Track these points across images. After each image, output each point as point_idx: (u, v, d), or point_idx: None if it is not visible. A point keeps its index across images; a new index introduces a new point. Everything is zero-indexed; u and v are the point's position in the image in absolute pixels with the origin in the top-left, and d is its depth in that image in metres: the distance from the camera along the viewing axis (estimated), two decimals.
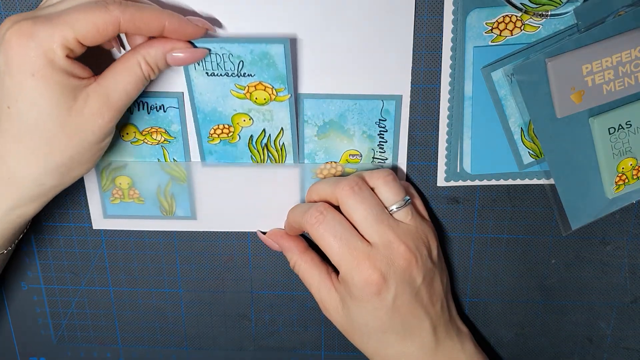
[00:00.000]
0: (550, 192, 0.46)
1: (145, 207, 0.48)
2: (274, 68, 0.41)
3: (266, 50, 0.40)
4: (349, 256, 0.41)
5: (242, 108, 0.43)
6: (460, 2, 0.40)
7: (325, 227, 0.41)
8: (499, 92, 0.43)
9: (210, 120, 0.44)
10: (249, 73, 0.41)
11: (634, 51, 0.40)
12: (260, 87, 0.42)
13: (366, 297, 0.41)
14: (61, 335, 0.53)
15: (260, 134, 0.44)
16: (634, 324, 0.50)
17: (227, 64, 0.41)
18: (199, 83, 0.42)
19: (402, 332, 0.42)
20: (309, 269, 0.45)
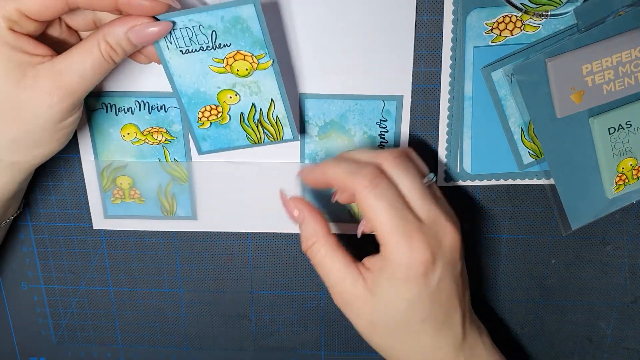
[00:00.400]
0: (550, 192, 0.46)
1: (146, 207, 0.48)
2: (249, 33, 0.38)
3: (237, 13, 0.37)
4: (401, 229, 0.37)
5: (226, 83, 0.40)
6: (460, 2, 0.40)
7: (379, 193, 0.37)
8: (499, 92, 0.43)
9: (196, 102, 0.41)
10: (224, 43, 0.39)
11: (634, 51, 0.40)
12: (239, 57, 0.39)
13: (412, 278, 0.37)
14: (61, 335, 0.53)
15: (251, 109, 0.41)
16: (634, 324, 0.50)
17: (199, 37, 0.38)
18: (175, 64, 0.39)
19: (439, 321, 0.39)
20: (333, 253, 0.39)
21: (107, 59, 0.37)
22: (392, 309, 0.38)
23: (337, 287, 0.39)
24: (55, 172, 0.47)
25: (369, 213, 0.37)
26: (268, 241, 0.49)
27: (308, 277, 0.50)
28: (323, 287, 0.50)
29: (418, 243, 0.37)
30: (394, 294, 0.38)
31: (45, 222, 0.49)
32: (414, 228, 0.37)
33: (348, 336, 0.52)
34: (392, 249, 0.37)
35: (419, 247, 0.37)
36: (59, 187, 0.48)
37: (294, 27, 0.42)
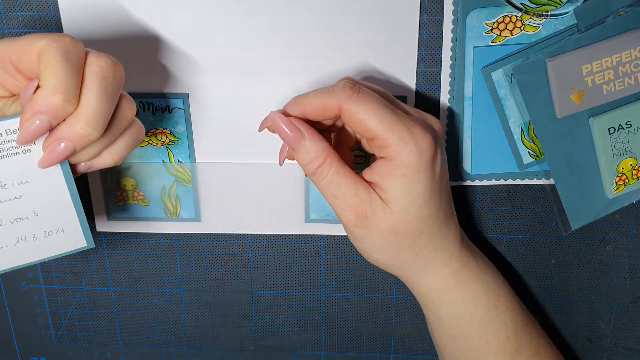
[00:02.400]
0: (550, 192, 0.46)
1: (150, 209, 0.48)
2: None
3: None
4: (399, 124, 0.36)
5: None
6: (460, 2, 0.41)
7: (365, 96, 0.36)
8: (499, 92, 0.43)
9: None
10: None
11: (634, 51, 0.40)
12: None
13: (423, 168, 0.36)
14: (61, 335, 0.53)
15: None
16: (634, 324, 0.50)
17: None
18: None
19: (447, 208, 0.39)
20: (343, 172, 0.37)
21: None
22: (410, 207, 0.37)
23: (351, 203, 0.37)
24: None
25: (361, 119, 0.36)
26: (268, 241, 0.49)
27: (308, 277, 0.50)
28: (323, 287, 0.50)
29: (420, 132, 0.36)
30: (410, 193, 0.37)
31: None
32: (410, 120, 0.36)
33: (348, 336, 0.52)
34: (397, 145, 0.36)
35: (423, 136, 0.36)
36: None
37: (296, 27, 0.42)
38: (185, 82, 0.43)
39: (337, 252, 0.49)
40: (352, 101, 0.36)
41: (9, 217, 0.36)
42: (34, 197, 0.36)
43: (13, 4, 0.43)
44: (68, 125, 0.32)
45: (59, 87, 0.31)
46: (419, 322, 0.51)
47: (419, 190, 0.37)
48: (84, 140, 0.32)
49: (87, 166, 0.36)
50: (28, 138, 0.32)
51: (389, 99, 0.39)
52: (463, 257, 0.41)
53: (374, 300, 0.51)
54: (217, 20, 0.41)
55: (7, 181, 0.35)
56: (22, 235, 0.37)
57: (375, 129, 0.36)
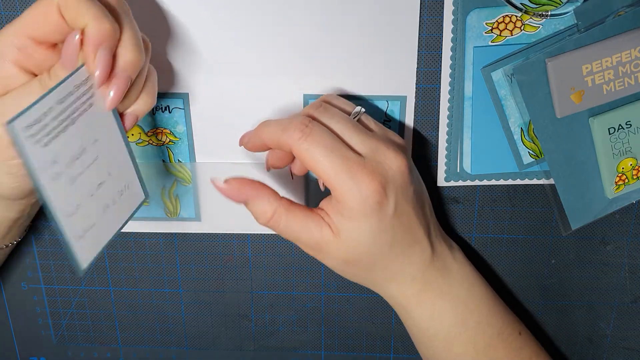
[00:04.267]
0: (550, 192, 0.46)
1: (150, 209, 0.48)
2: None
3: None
4: (344, 168, 0.37)
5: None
6: (460, 2, 0.41)
7: (313, 140, 0.37)
8: (499, 92, 0.43)
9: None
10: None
11: (634, 51, 0.40)
12: None
13: (369, 212, 0.37)
14: (61, 335, 0.53)
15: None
16: (634, 324, 0.50)
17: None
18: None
19: (406, 242, 0.40)
20: (293, 216, 0.39)
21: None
22: (359, 244, 0.39)
23: (306, 242, 0.39)
24: None
25: (309, 163, 0.37)
26: (268, 241, 0.49)
27: (308, 277, 0.50)
28: (323, 287, 0.50)
29: (362, 177, 0.37)
30: (356, 231, 0.38)
31: (45, 222, 0.49)
32: (355, 164, 0.37)
33: (348, 336, 0.52)
34: (341, 190, 0.37)
35: (365, 181, 0.37)
36: None
37: (298, 27, 0.42)
38: (185, 82, 0.43)
39: None
40: (301, 144, 0.37)
41: (95, 183, 0.35)
42: (105, 157, 0.36)
43: (13, 4, 0.43)
44: (119, 57, 0.34)
45: (101, 15, 0.33)
46: None
47: (367, 231, 0.38)
48: (135, 65, 0.35)
49: (134, 116, 0.38)
50: (104, 73, 0.33)
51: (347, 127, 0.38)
52: (428, 278, 0.42)
53: (374, 300, 0.51)
54: (218, 20, 0.41)
55: (86, 143, 0.34)
56: (107, 202, 0.36)
57: (319, 174, 0.37)
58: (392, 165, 0.38)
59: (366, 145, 0.38)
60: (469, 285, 0.43)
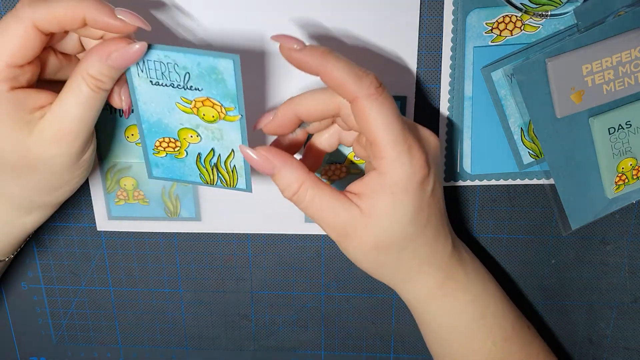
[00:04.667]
0: (550, 192, 0.46)
1: (150, 209, 0.48)
2: (223, 85, 0.36)
3: (214, 64, 0.35)
4: (402, 141, 0.35)
5: (190, 123, 0.39)
6: (460, 2, 0.41)
7: (384, 101, 0.34)
8: (499, 92, 0.43)
9: (156, 131, 0.40)
10: (196, 87, 0.37)
11: (634, 51, 0.40)
12: (208, 104, 0.37)
13: (412, 188, 0.36)
14: (61, 335, 0.53)
15: (209, 153, 0.40)
16: (634, 324, 0.50)
17: (172, 74, 0.37)
18: (143, 91, 0.38)
19: (435, 226, 0.39)
20: (320, 192, 0.37)
21: (96, 91, 0.36)
22: (394, 225, 0.37)
23: (332, 224, 0.37)
24: None
25: (370, 123, 0.35)
26: (268, 241, 0.49)
27: (308, 277, 0.50)
28: (323, 287, 0.50)
29: (417, 151, 0.36)
30: (394, 210, 0.36)
31: (45, 222, 0.49)
32: (413, 139, 0.36)
33: (348, 336, 0.52)
34: (393, 162, 0.35)
35: (419, 158, 0.36)
36: None
37: (298, 27, 0.42)
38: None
39: (337, 252, 0.49)
40: (372, 101, 0.34)
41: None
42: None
43: (13, 4, 0.43)
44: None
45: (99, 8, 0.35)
46: None
47: (406, 210, 0.37)
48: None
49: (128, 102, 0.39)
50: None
51: None
52: (450, 269, 0.41)
53: (374, 300, 0.51)
54: (218, 20, 0.41)
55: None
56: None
57: (379, 137, 0.35)
58: (431, 143, 0.38)
59: (408, 122, 0.37)
60: (482, 278, 0.43)
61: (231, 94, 0.36)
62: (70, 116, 0.36)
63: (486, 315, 0.43)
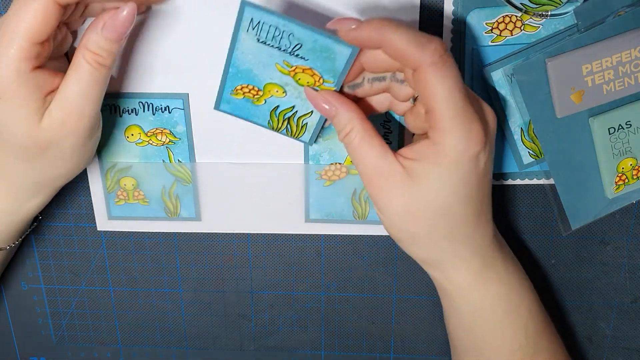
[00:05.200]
0: (550, 192, 0.46)
1: (150, 208, 0.48)
2: (331, 63, 0.38)
3: (332, 46, 0.37)
4: (462, 112, 0.34)
5: (280, 80, 0.40)
6: (460, 2, 0.41)
7: (448, 72, 0.34)
8: (499, 92, 0.43)
9: (242, 77, 0.40)
10: (302, 56, 0.38)
11: (634, 51, 0.40)
12: (308, 72, 0.39)
13: (463, 162, 0.35)
14: (61, 335, 0.53)
15: (289, 108, 0.41)
16: (634, 324, 0.50)
17: (283, 40, 0.37)
18: (245, 44, 0.38)
19: (477, 207, 0.37)
20: (369, 138, 0.37)
21: (97, 67, 0.37)
22: (435, 193, 0.36)
23: (371, 173, 0.37)
24: None
25: (430, 92, 0.34)
26: (268, 241, 0.49)
27: (308, 277, 0.50)
28: (323, 287, 0.50)
29: (477, 127, 0.35)
30: (439, 178, 0.36)
31: (45, 222, 0.49)
32: (473, 112, 0.35)
33: (348, 336, 0.52)
34: (449, 132, 0.34)
35: (478, 132, 0.35)
36: None
37: None
38: (185, 82, 0.43)
39: (337, 252, 0.49)
40: (432, 71, 0.33)
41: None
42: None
43: None
44: None
45: None
46: (419, 322, 0.51)
47: (450, 179, 0.36)
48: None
49: None
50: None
51: None
52: (488, 257, 0.40)
53: (374, 300, 0.51)
54: (218, 20, 0.41)
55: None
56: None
57: (438, 108, 0.34)
58: (490, 117, 0.37)
59: (469, 93, 0.36)
60: (519, 272, 0.42)
61: (336, 70, 0.38)
62: (75, 93, 0.37)
63: (521, 309, 0.41)
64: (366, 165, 0.37)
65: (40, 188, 0.41)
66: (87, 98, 0.37)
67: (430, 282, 0.50)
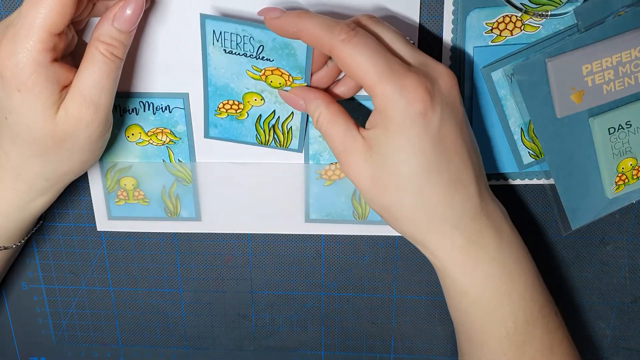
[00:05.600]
0: (550, 192, 0.46)
1: (150, 208, 0.48)
2: (294, 58, 0.40)
3: (290, 42, 0.39)
4: (387, 71, 0.34)
5: (255, 88, 0.42)
6: (460, 2, 0.41)
7: (358, 42, 0.34)
8: (499, 92, 0.43)
9: (221, 94, 0.42)
10: (267, 58, 0.40)
11: (634, 51, 0.40)
12: (277, 73, 0.41)
13: (408, 122, 0.35)
14: (61, 335, 0.53)
15: (270, 115, 0.43)
16: (634, 324, 0.50)
17: (246, 46, 0.40)
18: (215, 58, 0.41)
19: (446, 174, 0.36)
20: (334, 118, 0.38)
21: (110, 57, 0.37)
22: (392, 160, 0.36)
23: (339, 149, 0.38)
24: None
25: (350, 66, 0.35)
26: (268, 241, 0.49)
27: (308, 277, 0.50)
28: (323, 287, 0.50)
29: (410, 81, 0.34)
30: (391, 144, 0.36)
31: (45, 221, 0.49)
32: (402, 69, 0.35)
33: (348, 336, 0.52)
34: (383, 95, 0.35)
35: (412, 85, 0.34)
36: None
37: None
38: (185, 82, 0.43)
39: (337, 252, 0.49)
40: (343, 47, 0.35)
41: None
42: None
43: (13, 4, 0.43)
44: None
45: None
46: (419, 322, 0.51)
47: (400, 144, 0.35)
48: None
49: None
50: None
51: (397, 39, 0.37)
52: (473, 234, 0.38)
53: (374, 300, 0.51)
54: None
55: None
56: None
57: (364, 77, 0.35)
58: (442, 78, 0.36)
59: (415, 58, 0.36)
60: (517, 254, 0.40)
61: (300, 66, 0.40)
62: (89, 86, 0.37)
63: (512, 293, 0.39)
64: (335, 145, 0.38)
65: (50, 185, 0.41)
66: (101, 90, 0.38)
67: (430, 282, 0.50)
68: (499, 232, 0.39)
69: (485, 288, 0.39)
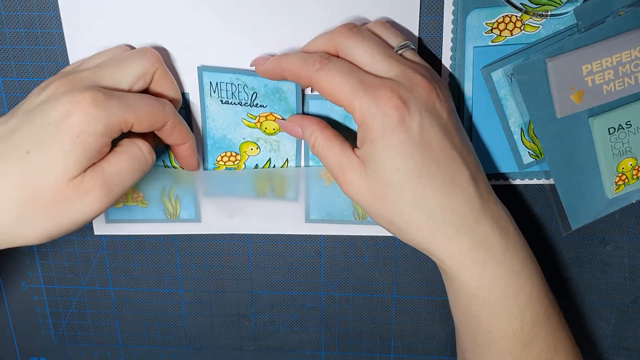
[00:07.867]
0: (550, 192, 0.46)
1: (149, 211, 0.47)
2: (285, 102, 0.43)
3: (279, 85, 0.42)
4: (361, 87, 0.36)
5: (251, 137, 0.44)
6: (460, 2, 0.41)
7: (331, 67, 0.37)
8: (499, 92, 0.43)
9: (219, 147, 0.45)
10: (261, 104, 0.43)
11: (634, 51, 0.40)
12: (270, 118, 0.43)
13: (390, 129, 0.36)
14: (61, 335, 0.53)
15: (266, 163, 0.45)
16: (634, 324, 0.50)
17: (241, 94, 0.43)
18: (213, 110, 0.43)
19: (439, 178, 0.37)
20: (329, 142, 0.40)
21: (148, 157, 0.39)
22: (383, 171, 0.37)
23: (336, 169, 0.39)
24: None
25: (327, 90, 0.38)
26: (268, 241, 0.49)
27: (308, 277, 0.50)
28: (323, 287, 0.50)
29: (383, 92, 0.36)
30: (379, 155, 0.37)
31: None
32: (376, 82, 0.36)
33: (348, 336, 0.52)
34: (360, 110, 0.37)
35: (386, 96, 0.36)
36: None
37: (298, 28, 0.42)
38: (185, 82, 0.43)
39: (337, 252, 0.49)
40: (320, 72, 0.37)
41: None
42: None
43: (13, 4, 0.43)
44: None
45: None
46: (419, 322, 0.51)
47: (387, 153, 0.37)
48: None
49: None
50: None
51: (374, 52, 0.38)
52: (479, 236, 0.38)
53: (374, 300, 0.51)
54: (218, 20, 0.41)
55: None
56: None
57: (340, 97, 0.37)
58: (418, 88, 0.37)
59: (393, 70, 0.37)
60: (523, 255, 0.40)
61: (291, 108, 0.43)
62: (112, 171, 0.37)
63: (519, 294, 0.39)
64: (332, 166, 0.39)
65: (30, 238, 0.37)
66: (120, 179, 0.37)
67: (430, 282, 0.50)
68: (504, 233, 0.39)
69: (493, 290, 0.39)
